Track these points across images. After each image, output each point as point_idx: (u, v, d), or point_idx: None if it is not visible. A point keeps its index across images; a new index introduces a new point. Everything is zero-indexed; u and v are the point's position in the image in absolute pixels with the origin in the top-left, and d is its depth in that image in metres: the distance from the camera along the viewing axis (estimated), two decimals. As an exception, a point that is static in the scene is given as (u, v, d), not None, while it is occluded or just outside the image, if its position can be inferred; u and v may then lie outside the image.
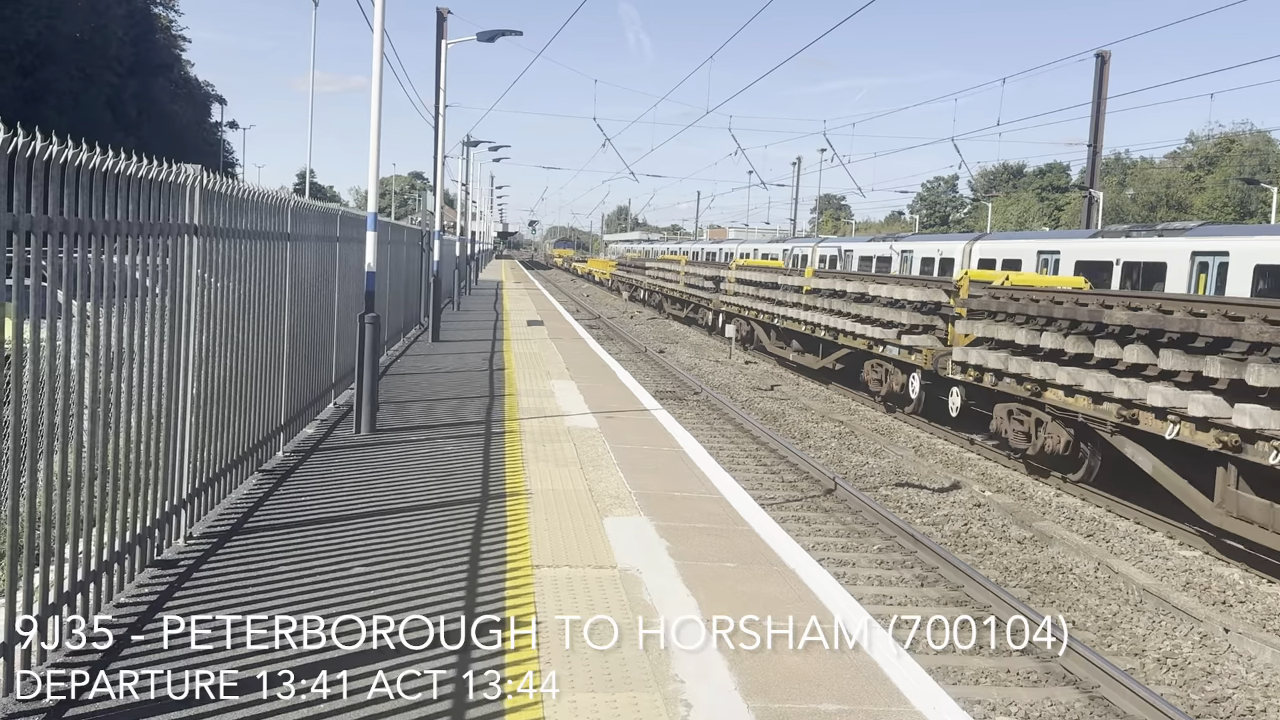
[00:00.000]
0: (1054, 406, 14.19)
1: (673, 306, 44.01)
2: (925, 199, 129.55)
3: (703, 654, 5.46)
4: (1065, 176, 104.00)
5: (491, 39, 24.07)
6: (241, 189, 7.99)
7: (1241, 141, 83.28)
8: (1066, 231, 29.46)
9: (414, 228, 27.13)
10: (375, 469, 9.43)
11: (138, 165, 5.77)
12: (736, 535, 7.90)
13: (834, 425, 18.81)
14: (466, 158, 47.79)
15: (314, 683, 4.87)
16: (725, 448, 15.72)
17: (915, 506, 13.02)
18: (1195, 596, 10.15)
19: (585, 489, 9.09)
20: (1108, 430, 13.16)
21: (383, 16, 12.17)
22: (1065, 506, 13.50)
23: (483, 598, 6.14)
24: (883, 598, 9.34)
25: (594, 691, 4.93)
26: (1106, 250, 23.43)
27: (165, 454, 6.52)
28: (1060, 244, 26.09)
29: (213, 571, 6.40)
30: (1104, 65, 36.47)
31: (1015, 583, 10.23)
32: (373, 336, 11.38)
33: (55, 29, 48.55)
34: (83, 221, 5.13)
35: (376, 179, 12.22)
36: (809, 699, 5.00)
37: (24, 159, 4.51)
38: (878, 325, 20.23)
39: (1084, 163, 40.30)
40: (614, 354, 25.35)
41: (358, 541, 7.13)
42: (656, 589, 6.50)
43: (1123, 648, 8.69)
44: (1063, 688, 7.59)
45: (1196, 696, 7.79)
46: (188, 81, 72.60)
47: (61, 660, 5.00)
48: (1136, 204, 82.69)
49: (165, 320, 6.43)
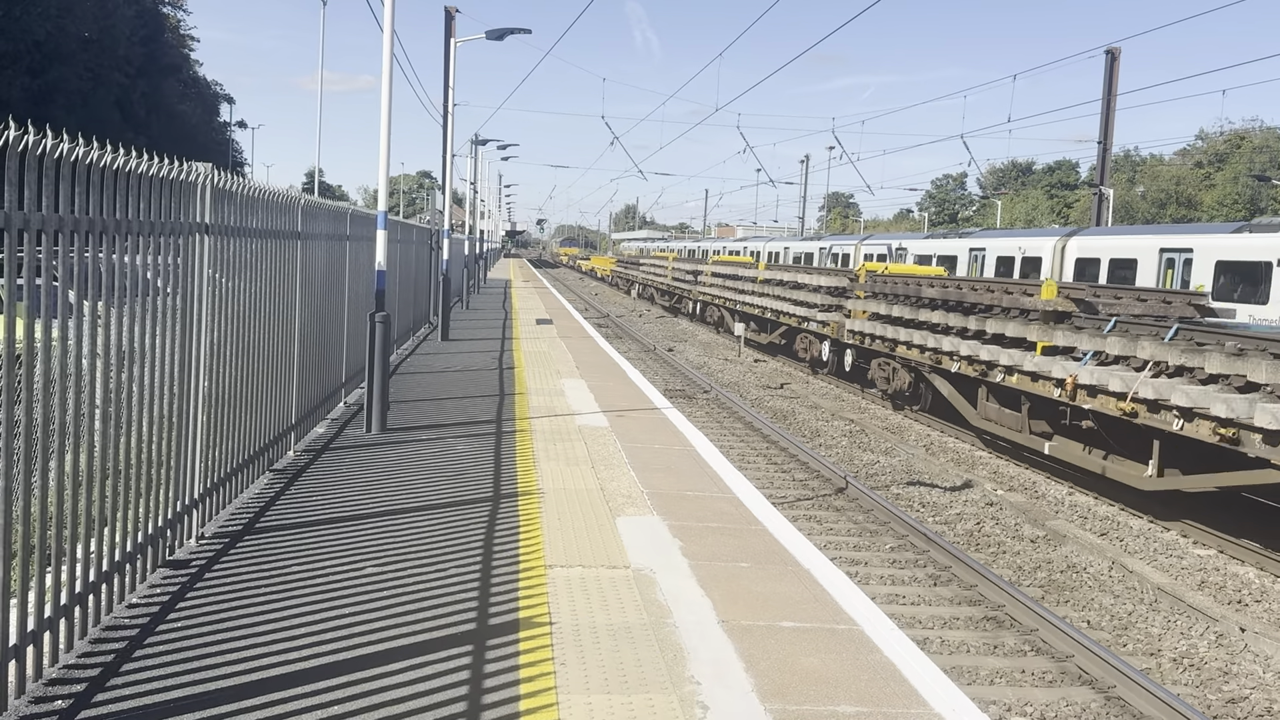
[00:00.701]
0: (900, 357, 19.86)
1: (662, 298, 50.83)
2: (934, 197, 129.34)
3: (719, 655, 5.42)
4: (1075, 174, 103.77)
5: (500, 37, 24.03)
6: (252, 187, 7.96)
7: (1252, 138, 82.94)
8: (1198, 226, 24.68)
9: (423, 226, 27.10)
10: (386, 468, 9.39)
11: (148, 163, 5.74)
12: (750, 535, 7.85)
13: (844, 423, 18.75)
14: (475, 156, 47.75)
15: (329, 683, 4.83)
16: (736, 446, 15.68)
17: (927, 505, 12.96)
18: (1210, 596, 10.08)
19: (597, 488, 9.05)
20: (926, 370, 18.82)
21: (392, 16, 12.13)
22: (1078, 505, 13.42)
23: (496, 598, 6.10)
24: (896, 597, 9.29)
25: (610, 693, 4.89)
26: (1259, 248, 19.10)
27: (176, 454, 6.50)
28: (1194, 240, 21.29)
29: (225, 572, 6.37)
30: (1114, 62, 36.32)
31: (1029, 582, 10.17)
32: (383, 335, 11.35)
33: (64, 29, 48.63)
34: (93, 220, 5.10)
35: (386, 177, 12.18)
36: (827, 700, 4.95)
37: (34, 157, 4.48)
38: (804, 306, 25.95)
39: (1094, 160, 40.14)
40: (623, 352, 25.32)
41: (370, 541, 7.09)
42: (671, 589, 6.45)
43: (1138, 647, 8.62)
44: (1078, 688, 7.53)
45: (1213, 697, 7.72)
46: (196, 81, 72.73)
47: (74, 661, 4.97)
48: (1146, 201, 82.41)
49: (176, 319, 6.40)
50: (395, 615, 5.75)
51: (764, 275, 31.12)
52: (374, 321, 11.38)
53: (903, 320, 19.87)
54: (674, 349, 30.92)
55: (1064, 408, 14.55)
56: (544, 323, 27.93)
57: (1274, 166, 75.66)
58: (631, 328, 37.55)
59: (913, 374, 19.50)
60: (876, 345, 20.89)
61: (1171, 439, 12.29)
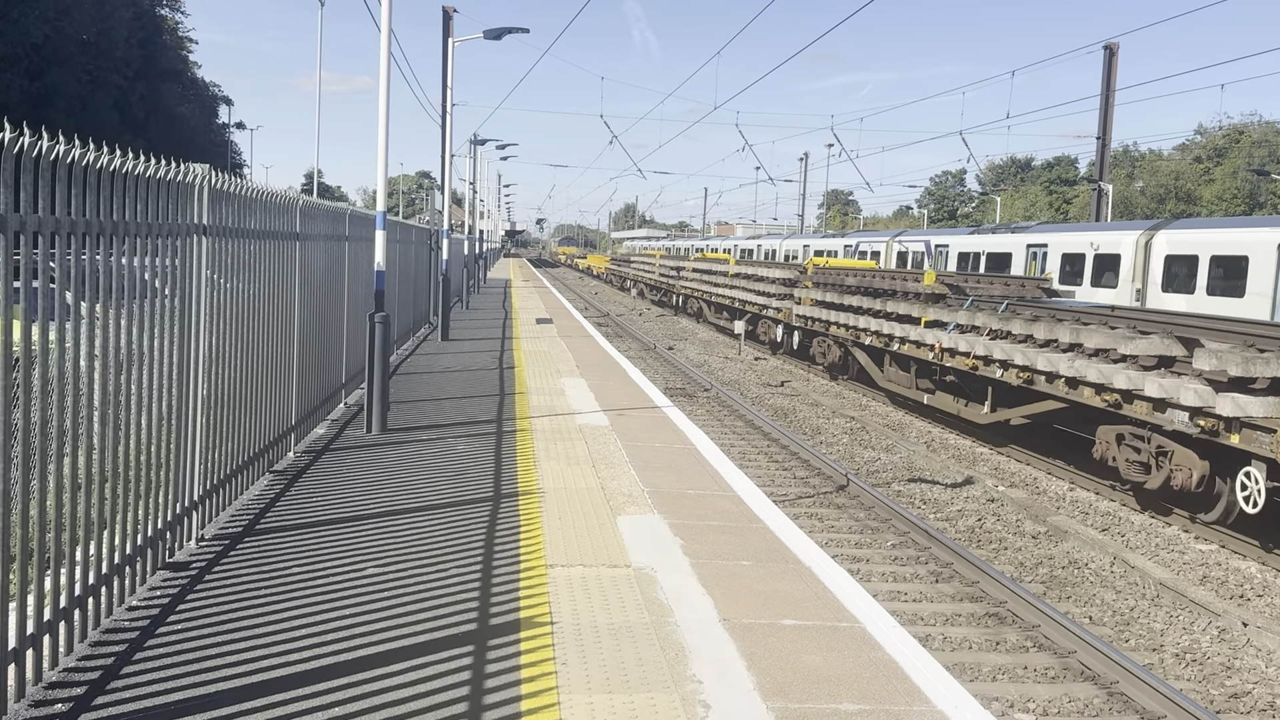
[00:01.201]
0: (833, 335, 23.63)
1: (651, 292, 55.42)
2: (933, 194, 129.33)
3: (720, 654, 5.41)
4: (1074, 169, 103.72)
5: (498, 37, 24.00)
6: (250, 188, 7.95)
7: (1250, 133, 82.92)
8: None
9: (422, 227, 27.10)
10: (387, 469, 9.38)
11: (145, 165, 5.73)
12: (751, 533, 7.84)
13: (845, 421, 18.74)
14: (474, 156, 47.74)
15: (331, 684, 4.82)
16: (737, 444, 15.66)
17: (928, 502, 12.95)
18: (1212, 590, 10.07)
19: (598, 487, 9.04)
20: (850, 344, 22.53)
21: (389, 16, 12.12)
22: (1079, 501, 13.41)
23: (497, 598, 6.10)
24: (898, 594, 9.28)
25: (611, 692, 4.88)
26: None
27: (176, 456, 6.49)
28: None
29: (225, 574, 6.36)
30: (1112, 57, 36.31)
31: (1031, 578, 10.15)
32: (383, 336, 11.34)
33: (62, 31, 48.60)
34: (90, 222, 5.09)
35: (385, 178, 12.17)
36: (829, 699, 4.94)
37: (30, 159, 4.47)
38: (764, 295, 29.93)
39: (1093, 155, 40.12)
40: (623, 351, 25.31)
41: (371, 542, 7.09)
42: (672, 588, 6.44)
43: (1141, 643, 8.61)
44: (1081, 684, 7.52)
45: (1216, 692, 7.71)
46: (195, 83, 72.71)
47: (74, 664, 4.96)
48: (1145, 196, 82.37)
49: (175, 321, 6.39)
50: (397, 616, 5.74)
51: (734, 270, 35.15)
52: (373, 322, 11.37)
53: (834, 305, 23.78)
54: (674, 347, 30.92)
55: (935, 367, 18.25)
56: (544, 322, 27.92)
57: (1273, 161, 75.63)
58: (631, 326, 37.55)
59: (841, 348, 23.52)
60: (816, 326, 24.90)
61: (997, 384, 16.09)
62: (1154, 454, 12.27)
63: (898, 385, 20.18)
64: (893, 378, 20.46)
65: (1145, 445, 12.42)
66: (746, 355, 29.69)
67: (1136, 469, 12.55)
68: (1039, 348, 14.66)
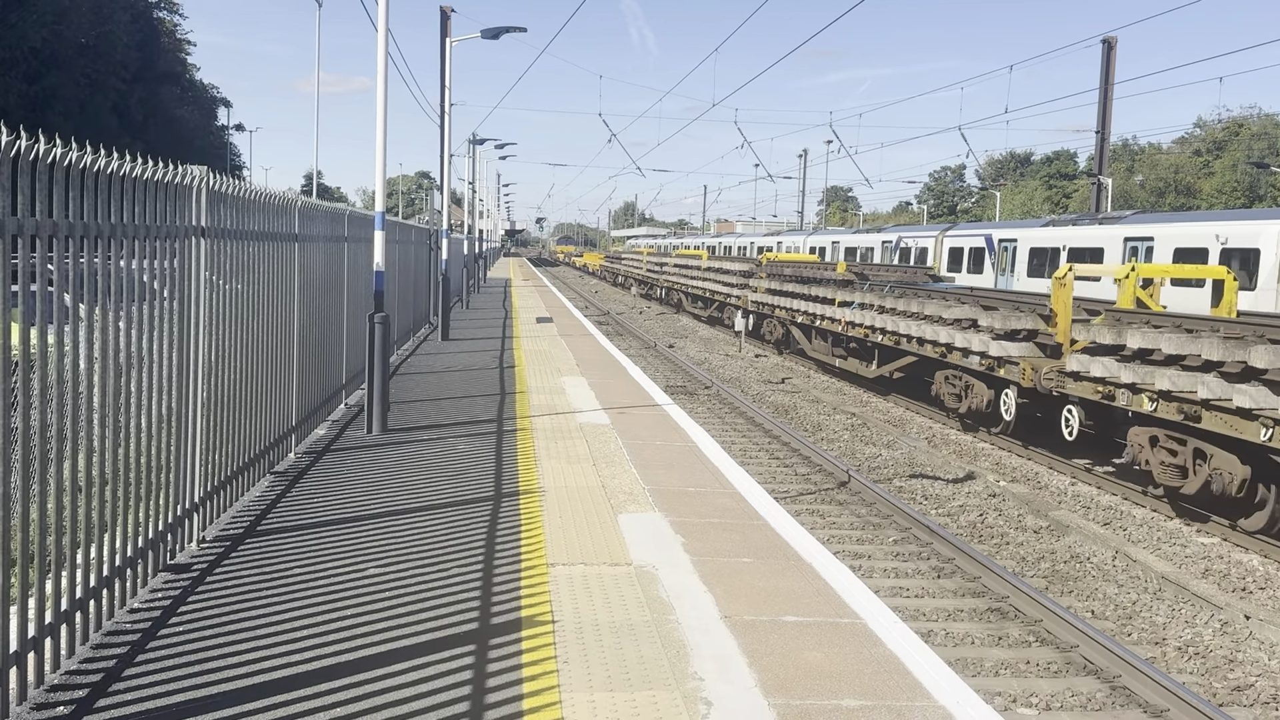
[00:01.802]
0: (778, 317, 28.78)
1: (638, 287, 60.99)
2: (932, 189, 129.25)
3: (722, 651, 5.41)
4: (1073, 164, 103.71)
5: (496, 36, 23.99)
6: (248, 189, 7.94)
7: (1250, 125, 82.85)
8: None
9: (421, 227, 27.07)
10: (388, 469, 9.39)
11: (143, 168, 5.73)
12: (752, 530, 7.84)
13: (846, 417, 18.74)
14: (473, 156, 47.68)
15: (333, 685, 4.83)
16: (738, 442, 15.67)
17: (930, 498, 12.95)
18: (1215, 584, 10.06)
19: (598, 485, 9.04)
20: (790, 324, 27.62)
21: (386, 16, 12.12)
22: (1081, 495, 13.41)
23: (499, 597, 6.10)
24: (900, 590, 9.28)
25: (613, 690, 4.88)
26: None
27: (176, 458, 6.49)
28: None
29: (226, 575, 6.36)
30: (1111, 51, 36.26)
31: (1033, 573, 10.15)
32: (383, 336, 11.34)
33: (60, 35, 48.60)
34: (88, 225, 5.09)
35: (384, 178, 12.16)
36: (831, 695, 4.94)
37: (28, 162, 4.47)
38: (728, 286, 35.30)
39: (1092, 149, 40.09)
40: (623, 349, 25.31)
41: (372, 542, 7.09)
42: (673, 586, 6.45)
43: (1143, 636, 8.61)
44: (1084, 678, 7.52)
45: (1219, 685, 7.70)
46: (193, 85, 72.69)
47: (76, 667, 4.96)
48: (1145, 190, 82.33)
49: (174, 323, 6.39)
50: (398, 615, 5.74)
51: (705, 265, 40.94)
52: (373, 322, 11.37)
53: (778, 291, 28.58)
54: (675, 345, 30.92)
55: (844, 338, 23.36)
56: (544, 321, 27.92)
57: (1272, 153, 75.59)
58: (632, 325, 37.55)
59: (784, 327, 28.67)
60: (765, 310, 29.89)
61: (881, 347, 21.01)
62: (964, 387, 17.31)
63: (821, 354, 25.26)
64: (818, 348, 25.45)
65: (959, 381, 17.49)
66: (747, 353, 29.70)
67: (953, 399, 17.75)
68: (906, 318, 19.63)
